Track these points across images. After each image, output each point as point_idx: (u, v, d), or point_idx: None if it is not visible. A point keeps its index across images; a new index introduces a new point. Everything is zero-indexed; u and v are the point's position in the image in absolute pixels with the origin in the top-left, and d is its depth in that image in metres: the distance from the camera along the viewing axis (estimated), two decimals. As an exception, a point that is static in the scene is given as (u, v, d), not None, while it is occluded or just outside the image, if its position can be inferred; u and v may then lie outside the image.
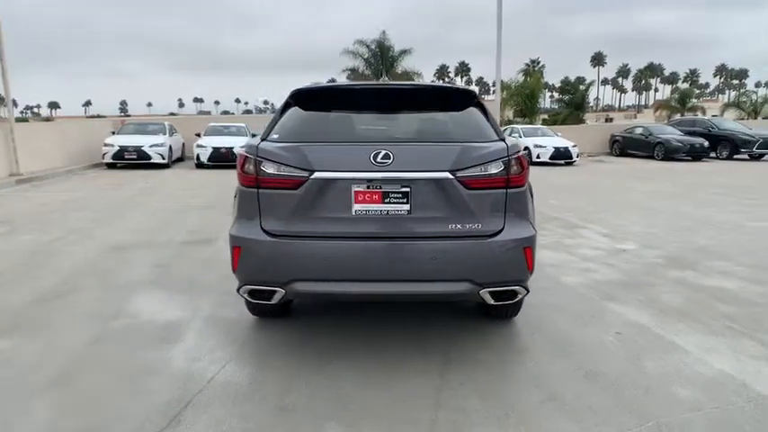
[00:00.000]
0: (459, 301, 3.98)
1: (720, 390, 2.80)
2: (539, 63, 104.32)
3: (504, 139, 2.99)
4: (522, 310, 3.69)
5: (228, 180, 13.48)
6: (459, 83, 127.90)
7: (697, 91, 79.94)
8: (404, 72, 35.29)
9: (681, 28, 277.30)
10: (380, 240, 2.82)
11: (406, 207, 2.80)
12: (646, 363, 3.11)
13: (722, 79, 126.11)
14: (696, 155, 18.87)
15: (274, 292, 2.90)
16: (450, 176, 2.78)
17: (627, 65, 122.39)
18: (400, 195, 2.79)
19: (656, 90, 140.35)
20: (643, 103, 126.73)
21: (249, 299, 3.04)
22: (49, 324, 3.70)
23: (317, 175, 2.78)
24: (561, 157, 17.52)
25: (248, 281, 2.95)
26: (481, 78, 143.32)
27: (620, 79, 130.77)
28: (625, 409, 2.61)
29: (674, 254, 5.62)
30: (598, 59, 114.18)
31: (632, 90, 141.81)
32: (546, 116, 38.89)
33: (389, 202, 2.80)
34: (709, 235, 6.54)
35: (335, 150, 2.92)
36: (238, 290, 3.09)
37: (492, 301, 2.92)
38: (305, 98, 3.31)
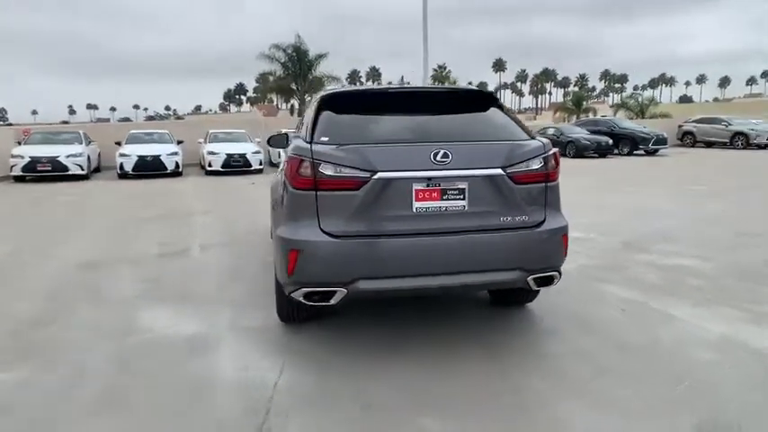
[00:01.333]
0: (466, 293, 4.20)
1: (729, 349, 3.24)
2: (445, 68, 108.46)
3: (535, 138, 3.25)
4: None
5: (164, 189, 13.00)
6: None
7: (586, 94, 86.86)
8: (322, 76, 35.11)
9: (571, 36, 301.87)
10: (440, 236, 2.95)
11: (463, 203, 2.96)
12: (658, 332, 3.51)
13: (606, 83, 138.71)
14: (602, 152, 20.72)
15: (334, 292, 2.92)
16: (502, 172, 2.98)
17: (524, 70, 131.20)
18: (457, 192, 2.95)
19: (550, 93, 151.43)
20: (539, 105, 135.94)
21: (305, 302, 3.02)
22: (59, 346, 3.41)
23: (379, 175, 2.86)
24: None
25: (306, 283, 2.95)
26: (390, 84, 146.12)
27: (518, 84, 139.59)
28: (661, 373, 2.95)
29: (628, 239, 6.25)
30: (499, 65, 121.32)
31: (529, 93, 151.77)
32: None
33: (447, 199, 2.94)
34: (648, 222, 7.32)
35: (396, 151, 3.01)
36: (289, 294, 3.08)
37: (535, 287, 3.16)
38: (337, 102, 3.35)
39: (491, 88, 40.27)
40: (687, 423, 2.46)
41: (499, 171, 2.98)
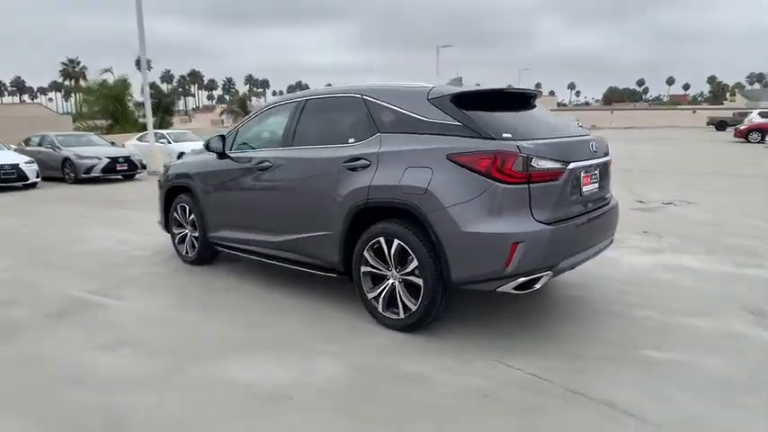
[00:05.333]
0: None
1: (670, 269, 4.94)
2: (79, 63, 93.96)
3: None
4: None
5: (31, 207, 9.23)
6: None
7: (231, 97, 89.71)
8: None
9: (227, 40, 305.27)
10: (594, 212, 3.58)
11: (598, 185, 3.63)
12: (621, 268, 4.97)
13: (250, 87, 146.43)
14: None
15: (541, 277, 3.17)
16: (609, 159, 3.79)
17: (169, 70, 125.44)
18: (596, 176, 3.60)
19: (194, 95, 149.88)
20: (188, 107, 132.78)
21: (516, 292, 3.15)
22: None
23: (571, 165, 3.27)
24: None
25: (524, 272, 3.09)
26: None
27: (164, 84, 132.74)
28: (661, 290, 4.37)
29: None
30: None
31: (173, 94, 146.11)
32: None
33: (593, 182, 3.57)
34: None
35: (574, 144, 3.45)
36: (496, 288, 3.16)
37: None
38: (466, 100, 3.42)
39: (136, 86, 35.84)
40: (733, 304, 3.89)
41: (609, 158, 3.78)
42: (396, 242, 3.45)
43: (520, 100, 3.83)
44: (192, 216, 5.29)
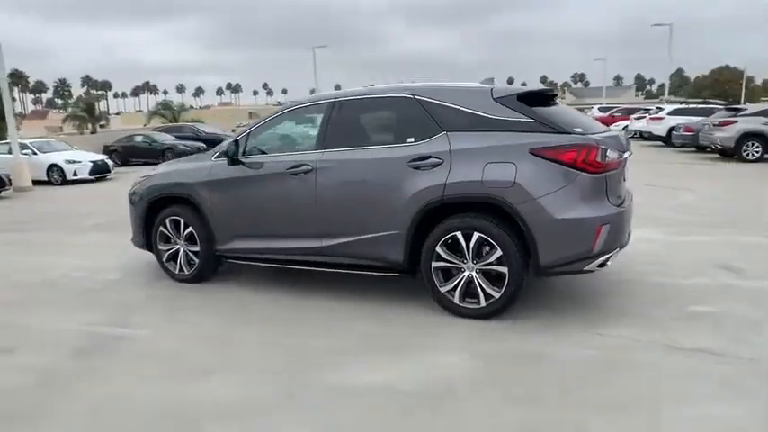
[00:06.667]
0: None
1: (642, 241, 5.76)
2: None
3: None
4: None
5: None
6: None
7: (81, 98, 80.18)
8: None
9: (56, 38, 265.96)
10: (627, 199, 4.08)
11: (627, 173, 4.15)
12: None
13: (87, 89, 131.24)
14: (203, 156, 21.46)
15: (612, 255, 3.60)
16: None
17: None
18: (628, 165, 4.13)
19: (14, 99, 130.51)
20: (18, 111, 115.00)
21: (598, 269, 3.53)
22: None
23: (625, 155, 3.74)
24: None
25: (606, 251, 3.49)
26: None
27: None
28: (643, 260, 5.15)
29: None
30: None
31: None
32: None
33: (627, 170, 4.08)
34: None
35: (620, 137, 3.93)
36: (580, 270, 3.53)
37: None
38: (528, 99, 3.73)
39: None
40: (709, 263, 4.74)
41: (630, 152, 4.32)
42: (476, 235, 3.62)
43: (551, 98, 4.24)
44: (190, 229, 4.85)
